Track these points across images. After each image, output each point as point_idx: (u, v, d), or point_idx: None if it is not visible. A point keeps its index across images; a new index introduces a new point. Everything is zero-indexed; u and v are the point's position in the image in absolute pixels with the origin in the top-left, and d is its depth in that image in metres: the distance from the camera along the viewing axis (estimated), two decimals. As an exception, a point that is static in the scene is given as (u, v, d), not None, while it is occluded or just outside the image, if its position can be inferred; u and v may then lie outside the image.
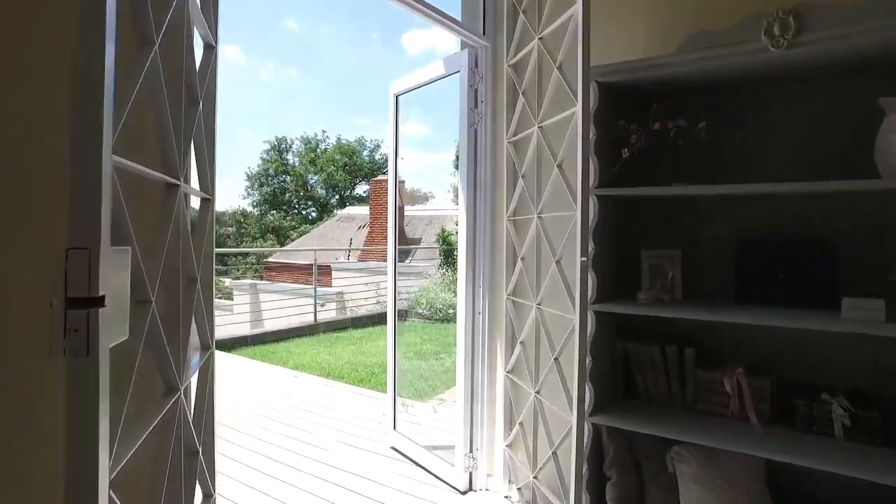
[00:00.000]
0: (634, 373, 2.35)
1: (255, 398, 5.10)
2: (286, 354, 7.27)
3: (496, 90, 3.00)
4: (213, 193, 1.52)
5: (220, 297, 17.05)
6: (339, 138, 40.08)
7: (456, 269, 11.72)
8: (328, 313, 11.64)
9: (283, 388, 5.49)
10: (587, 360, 2.12)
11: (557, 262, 2.35)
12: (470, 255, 3.15)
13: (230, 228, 38.92)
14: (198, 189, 1.47)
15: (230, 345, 7.62)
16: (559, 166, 2.32)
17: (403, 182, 22.77)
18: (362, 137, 40.52)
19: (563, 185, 2.27)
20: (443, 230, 12.09)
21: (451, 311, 10.02)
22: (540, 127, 2.51)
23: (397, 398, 4.47)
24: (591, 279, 2.16)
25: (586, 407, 2.17)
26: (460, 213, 3.23)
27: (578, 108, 2.00)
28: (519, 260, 2.75)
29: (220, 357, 6.73)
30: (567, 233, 2.24)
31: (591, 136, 2.11)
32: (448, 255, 11.82)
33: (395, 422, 4.06)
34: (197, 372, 1.47)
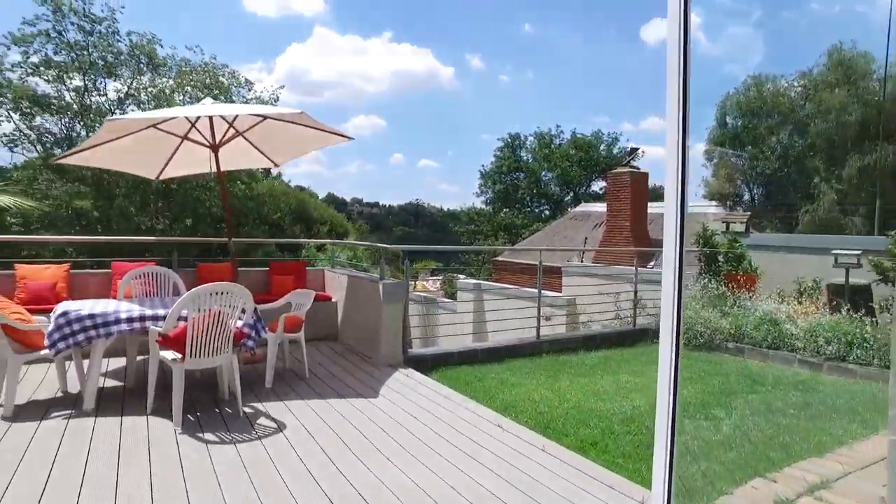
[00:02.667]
0: None
1: (419, 474, 3.52)
2: (497, 385, 5.65)
3: None
4: None
5: (446, 298, 16.45)
6: (574, 132, 37.97)
7: (724, 280, 8.96)
8: (555, 327, 9.84)
9: (474, 448, 3.82)
10: None
11: None
12: None
13: (469, 226, 39.57)
14: None
15: (431, 363, 6.29)
16: None
17: (646, 174, 19.71)
18: (599, 131, 37.84)
19: None
20: (704, 228, 9.36)
21: (717, 336, 7.42)
22: None
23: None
24: None
25: None
26: None
27: None
28: None
29: (408, 382, 5.35)
30: None
31: None
32: (711, 261, 9.08)
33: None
34: None
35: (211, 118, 5.80)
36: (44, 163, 17.58)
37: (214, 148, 5.90)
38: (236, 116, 5.95)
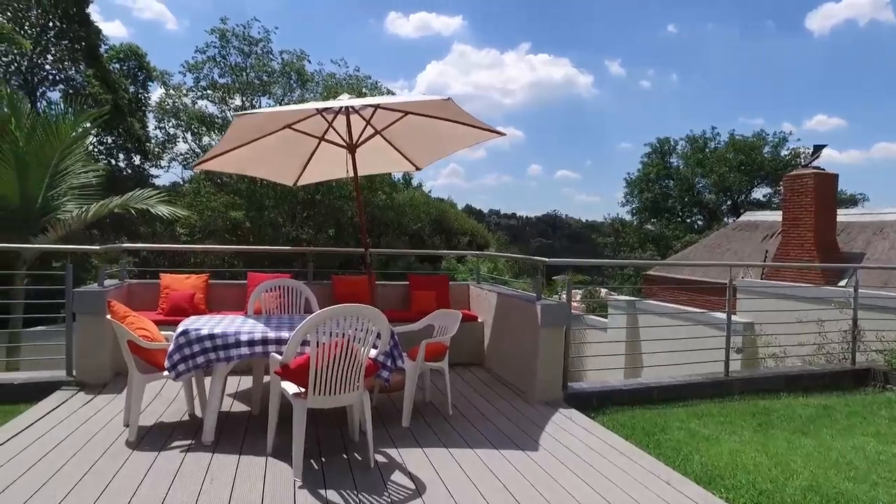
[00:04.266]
0: None
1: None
2: (686, 438, 4.39)
3: None
4: None
5: (594, 314, 14.97)
6: (732, 134, 34.24)
7: None
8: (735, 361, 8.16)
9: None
10: None
11: None
12: None
13: (609, 238, 37.34)
14: None
15: (596, 402, 5.16)
16: None
17: (835, 175, 16.74)
18: (762, 132, 33.73)
19: None
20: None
21: None
22: None
23: None
24: None
25: None
26: None
27: None
28: None
29: (572, 428, 4.25)
30: None
31: None
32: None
33: None
34: None
35: (348, 115, 5.22)
36: (206, 177, 18.95)
37: (351, 148, 5.31)
38: (374, 112, 5.32)
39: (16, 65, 19.69)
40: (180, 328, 3.73)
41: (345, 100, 5.02)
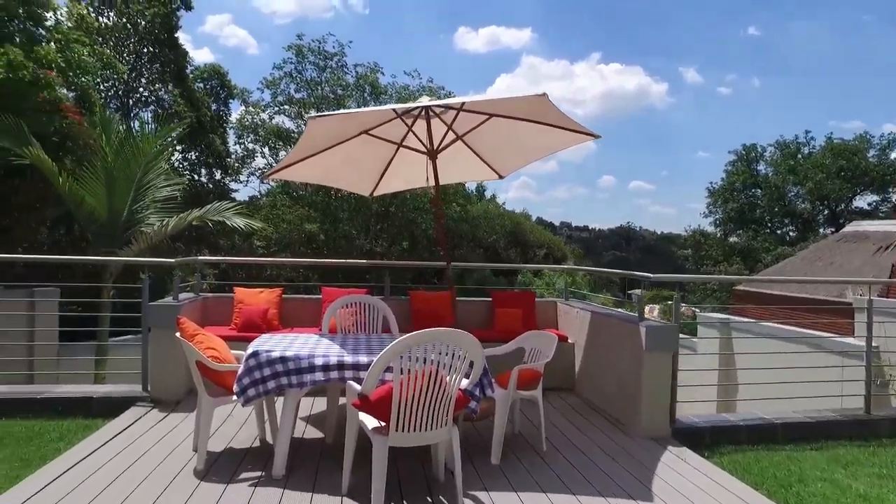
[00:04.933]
0: None
1: None
2: (835, 494, 3.64)
3: None
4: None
5: (685, 335, 13.88)
6: (829, 138, 31.72)
7: None
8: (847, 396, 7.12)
9: None
10: None
11: None
12: None
13: (686, 250, 35.49)
14: None
15: (709, 439, 4.47)
16: None
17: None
18: (866, 133, 31.02)
19: None
20: None
21: None
22: None
23: None
24: None
25: None
26: None
27: None
28: None
29: (686, 471, 3.60)
30: None
31: None
32: None
33: None
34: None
35: (428, 118, 4.85)
36: (282, 190, 19.28)
37: (432, 154, 4.93)
38: (456, 116, 4.92)
39: (114, 89, 20.90)
40: (250, 349, 3.43)
41: (425, 101, 4.66)
